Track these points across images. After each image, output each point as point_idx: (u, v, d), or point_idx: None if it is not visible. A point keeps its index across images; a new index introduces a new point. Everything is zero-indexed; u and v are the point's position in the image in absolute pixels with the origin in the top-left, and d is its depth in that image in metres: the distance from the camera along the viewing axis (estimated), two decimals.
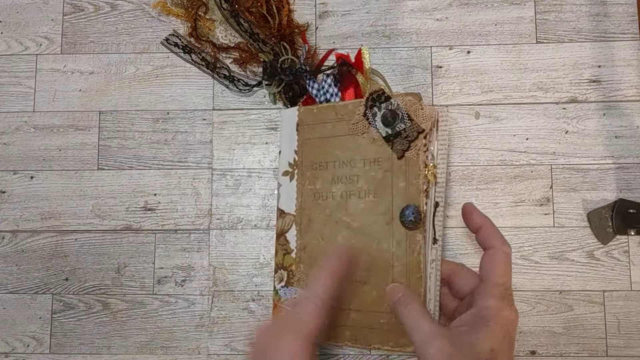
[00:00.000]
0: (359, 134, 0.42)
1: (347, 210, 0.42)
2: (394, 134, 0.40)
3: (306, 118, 0.45)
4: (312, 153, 0.44)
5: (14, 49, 0.78)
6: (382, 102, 0.41)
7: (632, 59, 0.74)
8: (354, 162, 0.42)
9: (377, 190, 0.41)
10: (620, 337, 0.70)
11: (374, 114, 0.41)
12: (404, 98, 0.41)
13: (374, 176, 0.41)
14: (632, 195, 0.71)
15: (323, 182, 0.43)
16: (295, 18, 0.75)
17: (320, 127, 0.44)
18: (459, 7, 0.76)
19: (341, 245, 0.41)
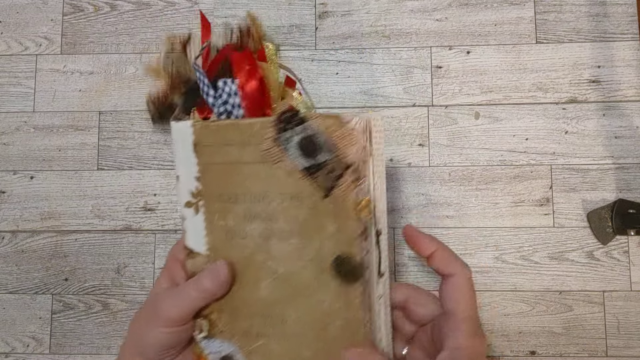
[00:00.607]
0: (272, 163, 0.34)
1: (269, 253, 0.35)
2: (315, 166, 0.32)
3: (205, 137, 0.35)
4: (218, 182, 0.36)
5: (14, 49, 0.78)
6: (297, 124, 0.32)
7: (631, 59, 0.74)
8: (269, 197, 0.35)
9: (302, 232, 0.34)
10: (619, 338, 0.70)
11: (288, 140, 0.33)
12: (323, 121, 0.32)
13: (295, 216, 0.34)
14: (632, 196, 0.71)
15: (236, 219, 0.36)
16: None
17: (224, 150, 0.35)
18: (459, 7, 0.76)
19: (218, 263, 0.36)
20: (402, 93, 0.75)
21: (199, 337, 0.37)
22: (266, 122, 0.33)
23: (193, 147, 0.36)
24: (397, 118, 0.74)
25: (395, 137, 0.74)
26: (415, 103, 0.74)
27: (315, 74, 0.75)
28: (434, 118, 0.74)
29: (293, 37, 0.76)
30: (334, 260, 0.34)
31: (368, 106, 0.74)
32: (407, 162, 0.73)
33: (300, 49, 0.76)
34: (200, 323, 0.37)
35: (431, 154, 0.73)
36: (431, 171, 0.73)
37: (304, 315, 0.35)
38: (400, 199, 0.73)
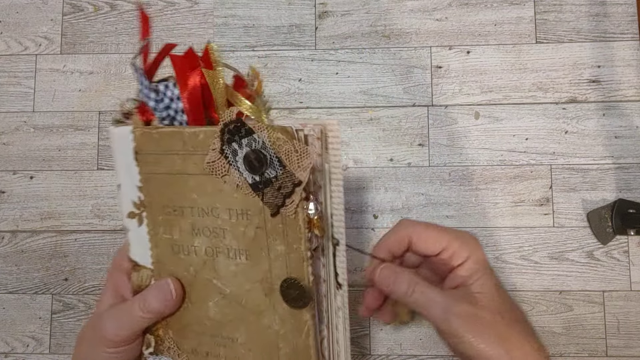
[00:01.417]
0: (217, 176, 0.31)
1: (217, 271, 0.33)
2: (262, 181, 0.30)
3: (146, 145, 0.33)
4: (162, 193, 0.33)
5: (14, 49, 0.78)
6: (244, 136, 0.30)
7: (631, 59, 0.74)
8: (216, 211, 0.32)
9: (250, 251, 0.32)
10: (619, 337, 0.70)
11: (234, 152, 0.30)
12: (272, 133, 0.29)
13: (243, 232, 0.32)
14: (632, 195, 0.71)
15: (181, 232, 0.34)
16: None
17: (166, 160, 0.33)
18: (459, 7, 0.76)
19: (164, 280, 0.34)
20: (402, 93, 0.75)
21: (147, 352, 0.36)
22: (210, 132, 0.31)
23: (134, 154, 0.33)
24: (397, 118, 0.74)
25: (395, 137, 0.74)
26: (415, 103, 0.74)
27: (315, 74, 0.75)
28: (434, 118, 0.74)
29: (293, 37, 0.76)
30: (282, 284, 0.32)
31: (368, 106, 0.74)
32: (407, 162, 0.73)
33: (300, 49, 0.76)
34: (148, 339, 0.36)
35: (431, 153, 0.73)
36: (431, 171, 0.73)
37: (253, 338, 0.34)
38: (400, 199, 0.73)
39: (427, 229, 0.36)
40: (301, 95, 0.75)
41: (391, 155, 0.74)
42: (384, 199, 0.73)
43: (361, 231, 0.72)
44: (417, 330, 0.71)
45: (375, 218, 0.73)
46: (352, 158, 0.74)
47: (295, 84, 0.75)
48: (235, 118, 0.31)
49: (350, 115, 0.74)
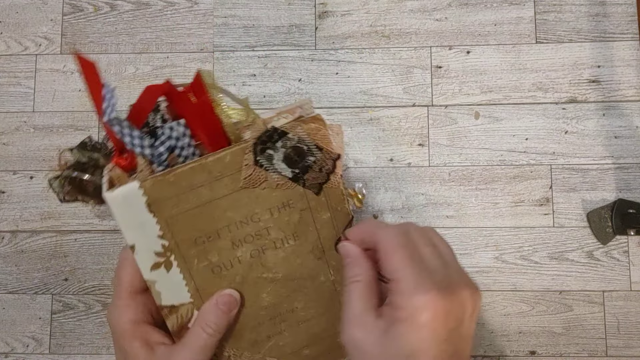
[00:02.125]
0: (255, 187, 0.33)
1: (265, 266, 0.35)
2: (303, 169, 0.33)
3: (161, 192, 0.32)
4: (189, 228, 0.34)
5: (14, 49, 0.78)
6: (277, 140, 0.32)
7: (631, 59, 0.74)
8: (256, 217, 0.34)
9: (297, 232, 0.35)
10: (619, 337, 0.70)
11: (270, 157, 0.32)
12: (304, 127, 0.32)
13: (288, 221, 0.34)
14: (632, 196, 0.71)
15: (220, 253, 0.34)
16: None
17: (190, 196, 0.33)
18: (459, 7, 0.76)
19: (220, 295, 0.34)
20: (402, 93, 0.75)
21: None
22: (239, 149, 0.32)
23: (147, 207, 0.32)
24: (397, 118, 0.74)
25: (395, 137, 0.74)
26: (415, 103, 0.74)
27: (315, 74, 0.75)
28: (434, 118, 0.74)
29: (293, 37, 0.76)
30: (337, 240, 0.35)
31: (368, 106, 0.74)
32: (407, 162, 0.73)
33: (300, 49, 0.76)
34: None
35: (431, 153, 0.73)
36: (431, 171, 0.73)
37: (312, 297, 0.36)
38: (400, 199, 0.73)
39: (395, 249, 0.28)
40: (301, 95, 0.75)
41: (391, 155, 0.74)
42: (384, 199, 0.73)
43: None
44: None
45: (375, 218, 0.73)
46: (352, 158, 0.74)
47: (295, 84, 0.75)
48: (265, 130, 0.32)
49: (350, 115, 0.74)
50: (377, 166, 0.73)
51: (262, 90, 0.75)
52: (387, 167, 0.73)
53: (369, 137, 0.74)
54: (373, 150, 0.74)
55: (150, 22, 0.78)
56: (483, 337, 0.70)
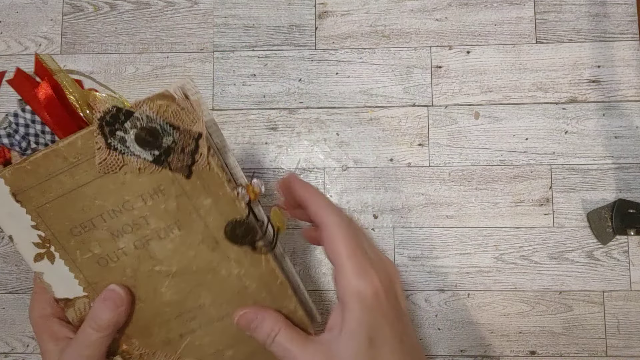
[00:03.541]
0: (115, 172, 0.31)
1: (155, 258, 0.33)
2: (164, 152, 0.30)
3: (23, 181, 0.31)
4: (62, 218, 0.32)
5: (14, 49, 0.78)
6: (124, 121, 0.30)
7: (631, 59, 0.74)
8: (128, 204, 0.32)
9: (179, 220, 0.33)
10: (619, 338, 0.70)
11: (122, 140, 0.30)
12: (150, 104, 0.30)
13: (165, 208, 0.32)
14: (632, 196, 0.71)
15: (101, 243, 0.33)
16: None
17: (52, 184, 0.32)
18: (459, 7, 0.76)
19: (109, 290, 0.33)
20: (402, 93, 0.75)
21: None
22: (87, 133, 0.31)
23: (13, 197, 0.32)
24: (397, 118, 0.74)
25: (395, 136, 0.74)
26: (415, 103, 0.74)
27: (315, 74, 0.75)
28: (434, 118, 0.74)
29: (293, 37, 0.76)
30: (226, 228, 0.32)
31: (368, 106, 0.74)
32: (406, 162, 0.73)
33: (300, 49, 0.76)
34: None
35: (431, 153, 0.73)
36: (431, 171, 0.73)
37: (219, 293, 0.34)
38: (400, 198, 0.73)
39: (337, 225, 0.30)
40: (301, 95, 0.75)
41: (391, 155, 0.74)
42: (384, 199, 0.73)
43: None
44: (417, 330, 0.71)
45: (375, 218, 0.73)
46: (352, 158, 0.74)
47: (295, 84, 0.75)
48: (107, 109, 0.30)
49: (350, 115, 0.74)
50: (377, 166, 0.73)
51: (262, 90, 0.75)
52: (387, 167, 0.73)
53: (369, 137, 0.74)
54: (373, 150, 0.74)
55: (150, 22, 0.78)
56: (483, 337, 0.70)
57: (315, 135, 0.74)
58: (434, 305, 0.71)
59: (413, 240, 0.72)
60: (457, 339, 0.71)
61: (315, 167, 0.74)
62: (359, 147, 0.74)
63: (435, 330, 0.71)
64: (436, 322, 0.71)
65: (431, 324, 0.71)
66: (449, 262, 0.72)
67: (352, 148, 0.74)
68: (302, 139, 0.74)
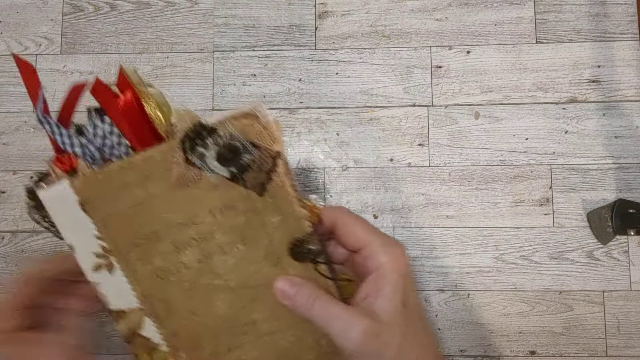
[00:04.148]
0: (190, 187, 0.31)
1: (215, 272, 0.33)
2: (241, 169, 0.31)
3: (93, 191, 0.32)
4: (128, 230, 0.33)
5: (14, 49, 0.78)
6: (206, 137, 0.30)
7: (631, 59, 0.74)
8: (197, 218, 0.32)
9: (245, 237, 0.33)
10: (619, 337, 0.70)
11: (202, 155, 0.30)
12: (235, 123, 0.30)
13: (233, 224, 0.32)
14: (632, 196, 0.71)
15: (164, 256, 0.33)
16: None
17: (124, 196, 0.32)
18: (459, 7, 0.76)
19: None
20: (402, 93, 0.75)
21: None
22: (167, 148, 0.31)
23: (80, 207, 0.32)
24: (397, 118, 0.74)
25: (395, 137, 0.74)
26: (415, 103, 0.74)
27: (315, 74, 0.75)
28: (434, 118, 0.74)
29: (293, 37, 0.76)
30: (291, 247, 0.32)
31: (368, 106, 0.74)
32: (407, 162, 0.73)
33: (300, 49, 0.76)
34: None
35: (431, 153, 0.73)
36: (431, 171, 0.73)
37: (273, 310, 0.34)
38: (400, 199, 0.73)
39: (356, 223, 0.33)
40: (301, 95, 0.75)
41: (391, 155, 0.74)
42: (384, 199, 0.73)
43: None
44: None
45: (375, 218, 0.73)
46: (352, 158, 0.74)
47: (295, 84, 0.75)
48: (190, 125, 0.30)
49: (350, 115, 0.74)
50: (377, 166, 0.73)
51: (262, 90, 0.75)
52: (387, 167, 0.73)
53: (369, 137, 0.74)
54: (373, 150, 0.74)
55: (150, 22, 0.78)
56: (483, 337, 0.70)
57: (315, 135, 0.74)
58: (434, 305, 0.71)
59: (413, 240, 0.72)
60: (457, 339, 0.71)
61: (315, 167, 0.74)
62: (359, 147, 0.74)
63: (435, 330, 0.71)
64: (436, 322, 0.71)
65: (431, 324, 0.71)
66: (449, 262, 0.72)
67: (352, 148, 0.74)
68: (302, 139, 0.74)
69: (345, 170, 0.74)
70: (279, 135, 0.31)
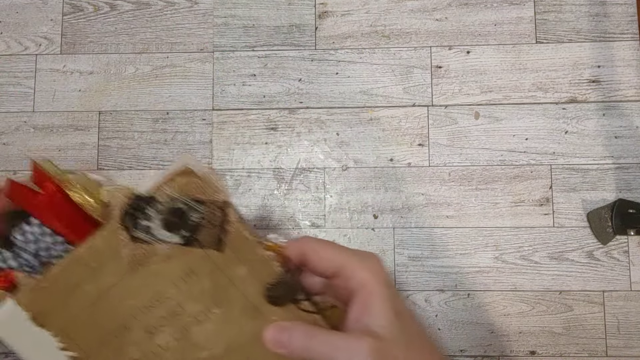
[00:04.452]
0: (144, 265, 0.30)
1: (198, 345, 0.32)
2: (192, 230, 0.29)
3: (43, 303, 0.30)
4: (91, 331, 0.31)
5: (14, 49, 0.78)
6: (146, 208, 0.29)
7: (631, 59, 0.74)
8: (162, 296, 0.31)
9: (216, 299, 0.31)
10: (619, 337, 0.70)
11: (147, 228, 0.29)
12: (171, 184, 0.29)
13: (200, 290, 0.31)
14: (632, 196, 0.71)
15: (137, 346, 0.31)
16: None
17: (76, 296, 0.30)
18: (459, 7, 0.76)
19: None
20: (402, 93, 0.75)
21: None
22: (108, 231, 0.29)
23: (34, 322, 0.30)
24: (397, 118, 0.74)
25: (395, 137, 0.74)
26: (415, 103, 0.74)
27: (315, 74, 0.75)
28: (434, 118, 0.74)
29: (293, 37, 0.76)
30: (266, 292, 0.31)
31: (368, 106, 0.74)
32: (407, 162, 0.73)
33: (300, 49, 0.76)
34: None
35: (431, 153, 0.73)
36: (431, 171, 0.73)
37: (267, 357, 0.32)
38: (400, 199, 0.73)
39: (325, 247, 0.32)
40: (301, 95, 0.75)
41: (391, 155, 0.74)
42: (384, 199, 0.73)
43: (361, 231, 0.72)
44: None
45: (375, 218, 0.73)
46: (352, 158, 0.74)
47: (295, 84, 0.75)
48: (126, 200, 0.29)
49: (350, 115, 0.74)
50: (377, 166, 0.73)
51: (262, 90, 0.75)
52: (387, 167, 0.73)
53: (369, 137, 0.74)
54: (373, 150, 0.74)
55: (150, 22, 0.78)
56: (483, 337, 0.70)
57: (315, 135, 0.74)
58: (434, 305, 0.71)
59: (413, 240, 0.72)
60: (457, 339, 0.71)
61: (315, 167, 0.74)
62: (359, 147, 0.74)
63: (435, 330, 0.71)
64: (436, 322, 0.71)
65: (431, 324, 0.71)
66: (449, 262, 0.72)
67: (352, 148, 0.74)
68: (302, 139, 0.74)
69: (345, 170, 0.74)
70: (220, 184, 0.29)
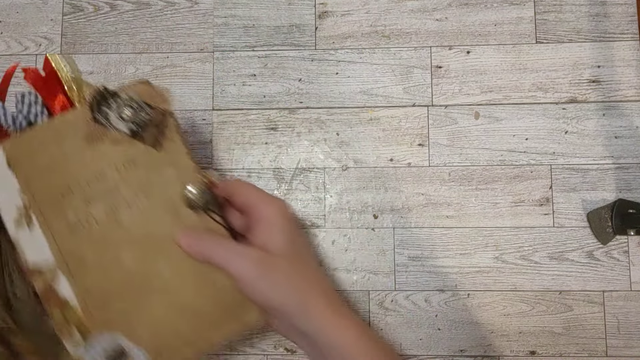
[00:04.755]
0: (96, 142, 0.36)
1: (123, 225, 0.36)
2: (139, 126, 0.36)
3: (18, 151, 0.37)
4: (45, 185, 0.36)
5: (14, 49, 0.78)
6: (110, 99, 0.36)
7: (631, 59, 0.74)
8: (104, 173, 0.37)
9: (146, 190, 0.37)
10: (619, 338, 0.70)
11: (106, 114, 0.36)
12: (133, 88, 0.38)
13: (135, 178, 0.37)
14: (632, 196, 0.71)
15: (75, 210, 0.36)
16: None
17: (43, 153, 0.37)
18: (459, 7, 0.76)
19: None
20: (402, 93, 0.75)
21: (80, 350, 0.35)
22: (78, 111, 0.38)
23: (7, 164, 0.37)
24: (397, 118, 0.74)
25: (395, 136, 0.74)
26: (415, 103, 0.74)
27: (315, 74, 0.75)
28: (434, 118, 0.74)
29: (293, 37, 0.76)
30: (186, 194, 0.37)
31: (368, 106, 0.74)
32: (406, 162, 0.73)
33: (300, 49, 0.76)
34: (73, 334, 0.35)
35: (431, 154, 0.73)
36: (431, 171, 0.73)
37: (176, 265, 0.37)
38: (400, 199, 0.73)
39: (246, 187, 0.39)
40: (301, 95, 0.75)
41: (391, 155, 0.74)
42: (384, 199, 0.73)
43: (361, 231, 0.72)
44: (417, 330, 0.71)
45: (375, 218, 0.73)
46: (352, 158, 0.74)
47: (295, 84, 0.75)
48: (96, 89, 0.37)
49: (350, 115, 0.74)
50: (377, 166, 0.73)
51: (262, 90, 0.76)
52: (387, 167, 0.73)
53: (369, 137, 0.74)
54: (373, 150, 0.74)
55: (150, 22, 0.78)
56: (483, 337, 0.70)
57: (315, 135, 0.74)
58: (434, 305, 0.71)
59: (413, 240, 0.72)
60: (457, 339, 0.71)
61: (315, 167, 0.74)
62: (359, 147, 0.74)
63: (435, 330, 0.71)
64: (436, 322, 0.71)
65: (431, 324, 0.71)
66: (449, 262, 0.72)
67: (352, 148, 0.74)
68: (302, 139, 0.75)
69: (345, 170, 0.74)
70: (168, 97, 0.38)
